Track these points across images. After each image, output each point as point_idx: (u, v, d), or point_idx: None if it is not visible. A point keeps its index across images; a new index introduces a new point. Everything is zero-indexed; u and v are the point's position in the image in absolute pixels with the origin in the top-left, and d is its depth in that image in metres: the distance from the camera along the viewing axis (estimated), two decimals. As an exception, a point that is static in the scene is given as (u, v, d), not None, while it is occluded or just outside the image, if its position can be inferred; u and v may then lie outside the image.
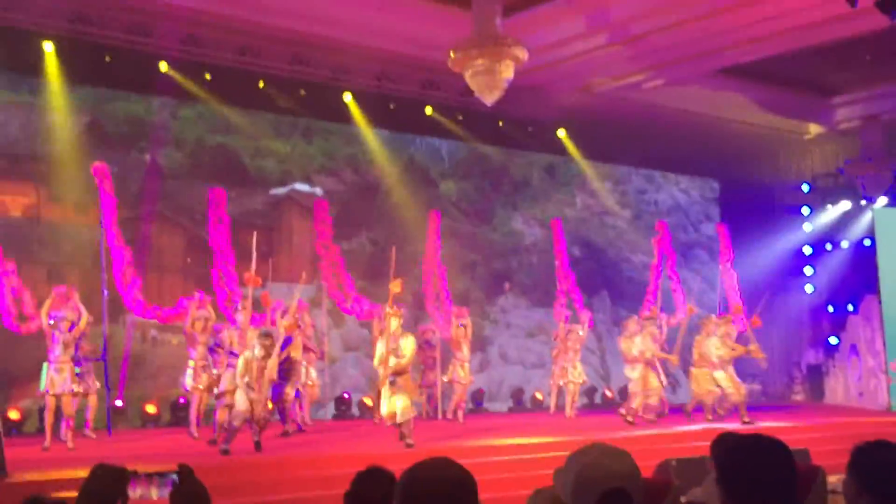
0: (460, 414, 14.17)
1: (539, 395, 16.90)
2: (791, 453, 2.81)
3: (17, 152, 13.62)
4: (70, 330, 10.88)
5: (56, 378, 10.73)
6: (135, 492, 2.62)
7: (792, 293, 19.56)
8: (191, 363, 11.71)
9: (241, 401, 10.10)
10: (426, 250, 15.57)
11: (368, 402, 14.72)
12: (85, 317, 11.13)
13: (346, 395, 15.54)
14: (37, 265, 13.34)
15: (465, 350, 14.23)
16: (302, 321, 12.67)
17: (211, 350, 11.73)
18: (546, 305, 17.16)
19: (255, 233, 11.96)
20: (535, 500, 3.44)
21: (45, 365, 10.87)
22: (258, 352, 10.21)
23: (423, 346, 14.16)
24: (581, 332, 15.00)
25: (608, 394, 17.77)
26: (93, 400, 11.90)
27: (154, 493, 2.50)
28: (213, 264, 13.15)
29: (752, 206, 19.34)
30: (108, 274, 12.48)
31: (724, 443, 3.08)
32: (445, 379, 14.29)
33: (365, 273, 15.55)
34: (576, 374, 14.69)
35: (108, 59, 13.17)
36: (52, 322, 10.90)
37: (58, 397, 10.81)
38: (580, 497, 2.86)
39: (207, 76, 13.96)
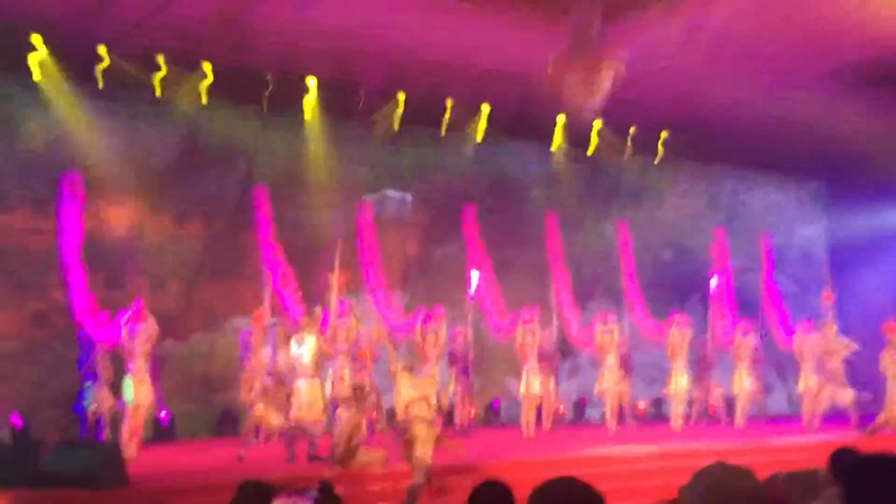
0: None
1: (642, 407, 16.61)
2: None
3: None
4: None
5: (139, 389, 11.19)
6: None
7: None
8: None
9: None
10: (548, 254, 15.70)
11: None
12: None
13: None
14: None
15: (612, 357, 14.21)
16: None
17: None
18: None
19: (338, 241, 12.19)
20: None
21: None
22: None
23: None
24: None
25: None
26: None
27: (301, 505, 2.63)
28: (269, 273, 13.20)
29: (858, 210, 18.84)
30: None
31: (850, 461, 3.08)
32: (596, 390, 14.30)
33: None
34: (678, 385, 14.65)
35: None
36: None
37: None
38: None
39: (312, 88, 14.21)
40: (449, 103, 15.45)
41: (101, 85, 13.11)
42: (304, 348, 11.32)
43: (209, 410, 14.13)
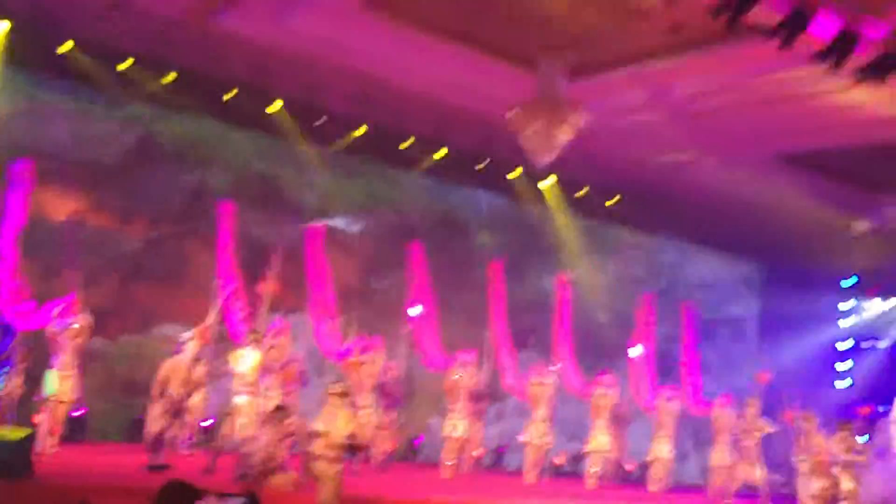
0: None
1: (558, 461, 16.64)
2: None
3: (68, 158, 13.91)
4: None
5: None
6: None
7: (823, 387, 19.45)
8: None
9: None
10: (490, 299, 15.80)
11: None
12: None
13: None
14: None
15: (543, 410, 14.34)
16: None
17: None
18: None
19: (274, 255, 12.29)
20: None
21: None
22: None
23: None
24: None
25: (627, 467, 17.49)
26: None
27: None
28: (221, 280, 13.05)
29: (790, 293, 19.29)
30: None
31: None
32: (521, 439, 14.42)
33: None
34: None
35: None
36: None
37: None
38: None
39: (276, 106, 14.26)
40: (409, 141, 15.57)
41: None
42: (246, 364, 11.19)
43: (125, 414, 13.85)
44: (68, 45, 13.03)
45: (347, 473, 9.32)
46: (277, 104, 14.64)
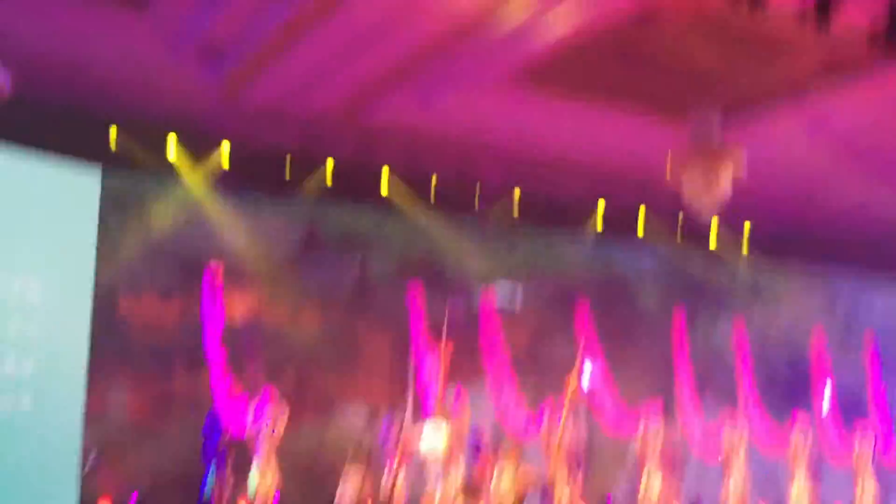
0: None
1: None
2: None
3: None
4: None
5: None
6: None
7: None
8: None
9: None
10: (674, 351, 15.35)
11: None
12: None
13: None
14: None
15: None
16: None
17: None
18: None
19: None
20: None
21: None
22: None
23: None
24: None
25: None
26: None
27: None
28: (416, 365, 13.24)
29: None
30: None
31: None
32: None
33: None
34: None
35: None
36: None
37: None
38: None
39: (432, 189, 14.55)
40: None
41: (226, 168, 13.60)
42: (438, 438, 11.21)
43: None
44: (224, 153, 13.60)
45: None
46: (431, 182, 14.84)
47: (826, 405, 15.96)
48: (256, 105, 12.60)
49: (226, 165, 13.60)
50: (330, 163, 14.24)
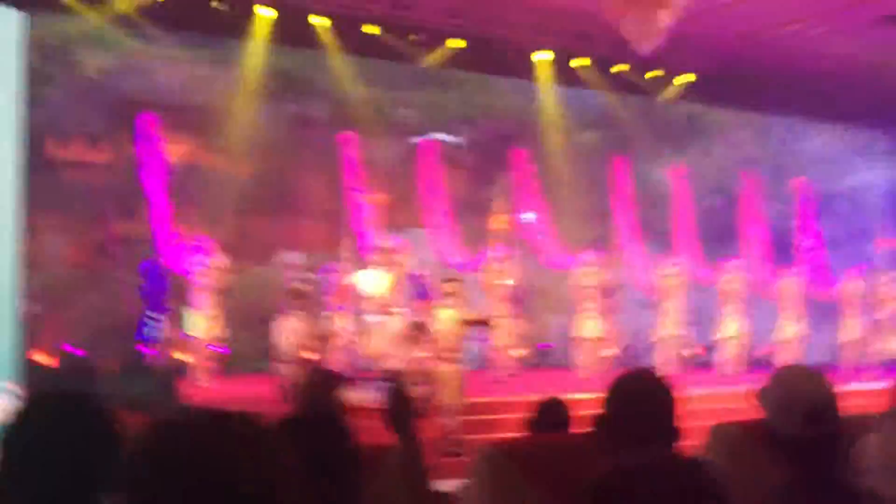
0: None
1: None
2: None
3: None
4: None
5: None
6: (349, 395, 2.73)
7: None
8: None
9: None
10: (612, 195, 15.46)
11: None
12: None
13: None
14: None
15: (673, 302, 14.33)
16: None
17: None
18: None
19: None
20: (715, 435, 3.47)
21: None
22: None
23: None
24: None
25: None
26: None
27: (370, 395, 2.62)
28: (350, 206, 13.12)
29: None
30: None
31: None
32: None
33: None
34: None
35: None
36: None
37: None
38: (787, 414, 2.87)
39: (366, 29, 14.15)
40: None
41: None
42: (379, 285, 11.26)
43: (262, 343, 14.24)
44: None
45: (487, 381, 9.43)
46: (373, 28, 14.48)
47: (755, 245, 16.27)
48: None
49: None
50: (265, 10, 13.82)
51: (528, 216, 14.78)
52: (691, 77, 16.84)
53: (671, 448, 2.59)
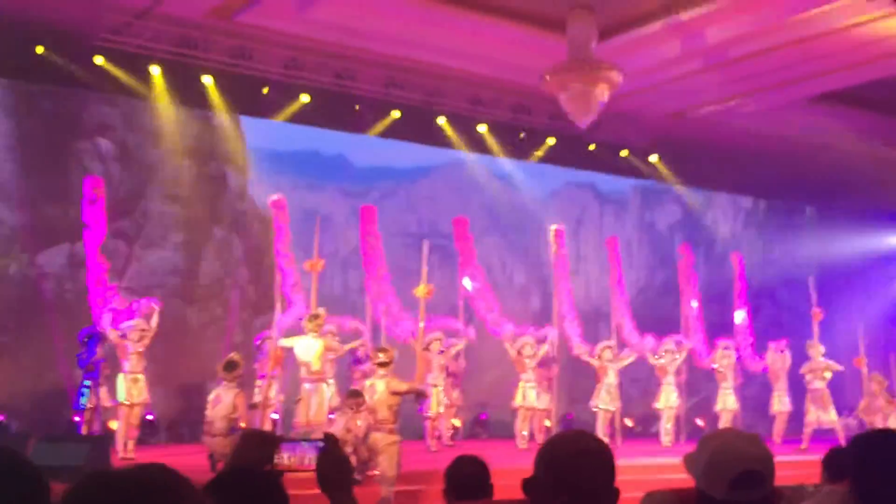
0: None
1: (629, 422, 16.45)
2: None
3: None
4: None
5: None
6: (282, 456, 2.69)
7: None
8: None
9: None
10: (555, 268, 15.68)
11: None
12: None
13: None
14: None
15: (611, 377, 14.39)
16: None
17: None
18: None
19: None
20: (648, 501, 3.41)
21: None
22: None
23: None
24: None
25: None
26: None
27: (305, 457, 2.59)
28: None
29: (848, 234, 18.91)
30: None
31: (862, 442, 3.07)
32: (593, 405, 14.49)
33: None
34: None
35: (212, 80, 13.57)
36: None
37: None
38: (713, 479, 2.85)
39: (306, 98, 14.20)
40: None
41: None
42: (310, 352, 11.13)
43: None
44: (99, 59, 13.03)
45: (420, 451, 9.36)
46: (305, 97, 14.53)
47: (692, 317, 16.42)
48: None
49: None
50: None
51: (468, 284, 14.79)
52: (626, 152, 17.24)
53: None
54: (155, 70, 13.17)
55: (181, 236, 15.60)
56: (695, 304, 16.46)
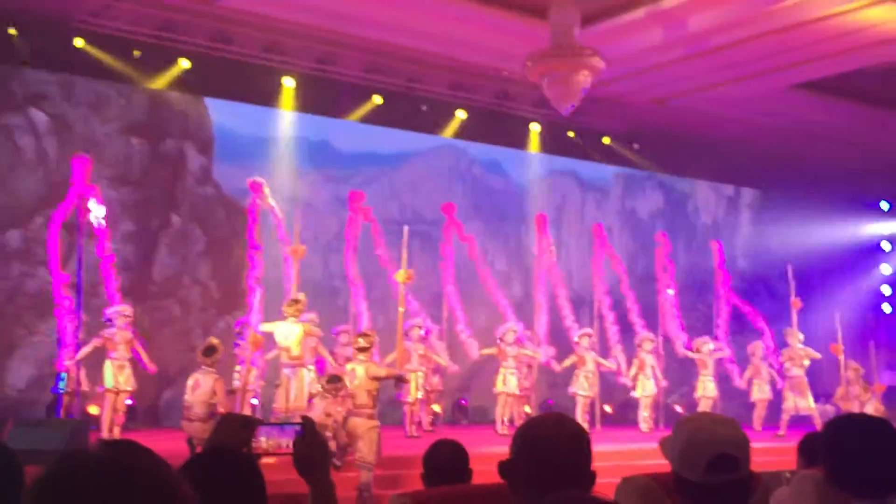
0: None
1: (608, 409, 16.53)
2: None
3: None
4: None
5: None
6: (260, 440, 2.70)
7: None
8: None
9: None
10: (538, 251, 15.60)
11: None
12: None
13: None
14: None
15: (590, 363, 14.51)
16: None
17: None
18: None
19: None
20: (624, 488, 3.42)
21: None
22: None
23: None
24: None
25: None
26: None
27: (281, 441, 2.59)
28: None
29: (828, 222, 19.04)
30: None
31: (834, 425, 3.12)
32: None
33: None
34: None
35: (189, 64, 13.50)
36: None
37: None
38: (689, 462, 2.85)
39: (288, 81, 14.14)
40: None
41: None
42: (290, 338, 11.12)
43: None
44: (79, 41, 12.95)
45: (399, 437, 9.41)
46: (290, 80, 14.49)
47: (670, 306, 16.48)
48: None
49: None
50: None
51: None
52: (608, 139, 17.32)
53: (589, 491, 2.54)
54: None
55: (130, 225, 14.54)
56: (671, 291, 16.52)
